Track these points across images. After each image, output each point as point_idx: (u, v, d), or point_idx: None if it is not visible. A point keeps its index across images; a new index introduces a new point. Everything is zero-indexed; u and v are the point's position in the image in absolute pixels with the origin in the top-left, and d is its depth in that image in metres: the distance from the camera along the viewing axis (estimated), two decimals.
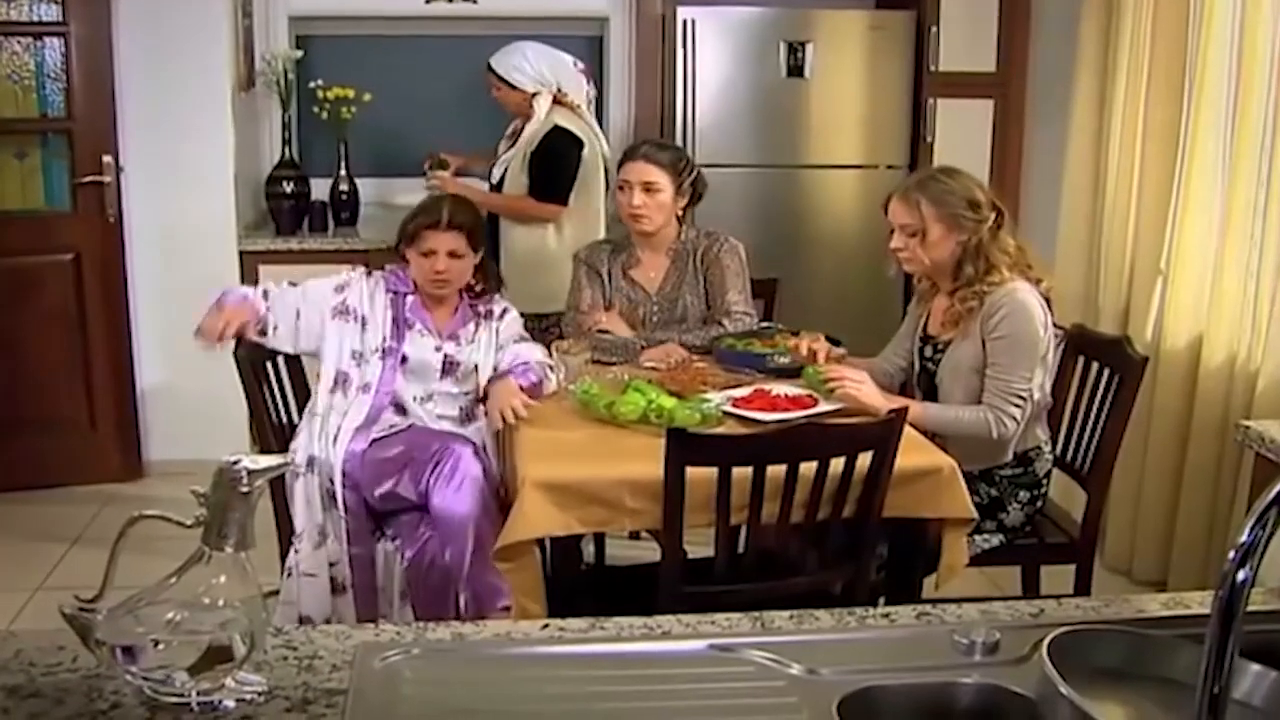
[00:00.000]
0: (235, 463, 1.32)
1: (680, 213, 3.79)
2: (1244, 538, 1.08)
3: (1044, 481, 3.30)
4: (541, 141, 4.53)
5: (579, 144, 4.59)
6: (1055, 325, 3.21)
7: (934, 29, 5.39)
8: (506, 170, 4.61)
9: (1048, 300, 3.19)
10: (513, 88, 4.57)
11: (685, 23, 5.28)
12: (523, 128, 4.64)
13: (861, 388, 3.07)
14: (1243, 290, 3.83)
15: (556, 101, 4.60)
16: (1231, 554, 1.08)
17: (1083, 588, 3.30)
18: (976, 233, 3.12)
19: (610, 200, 5.20)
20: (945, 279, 3.24)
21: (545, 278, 4.48)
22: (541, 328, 4.51)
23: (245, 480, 1.32)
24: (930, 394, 3.31)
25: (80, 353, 4.96)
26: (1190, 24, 4.02)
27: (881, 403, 3.05)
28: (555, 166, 4.56)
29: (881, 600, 2.97)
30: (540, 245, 4.61)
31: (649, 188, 3.69)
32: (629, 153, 3.80)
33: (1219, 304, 3.89)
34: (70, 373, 4.95)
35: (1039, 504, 3.29)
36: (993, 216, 3.14)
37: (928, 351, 3.32)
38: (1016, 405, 3.09)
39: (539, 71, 4.58)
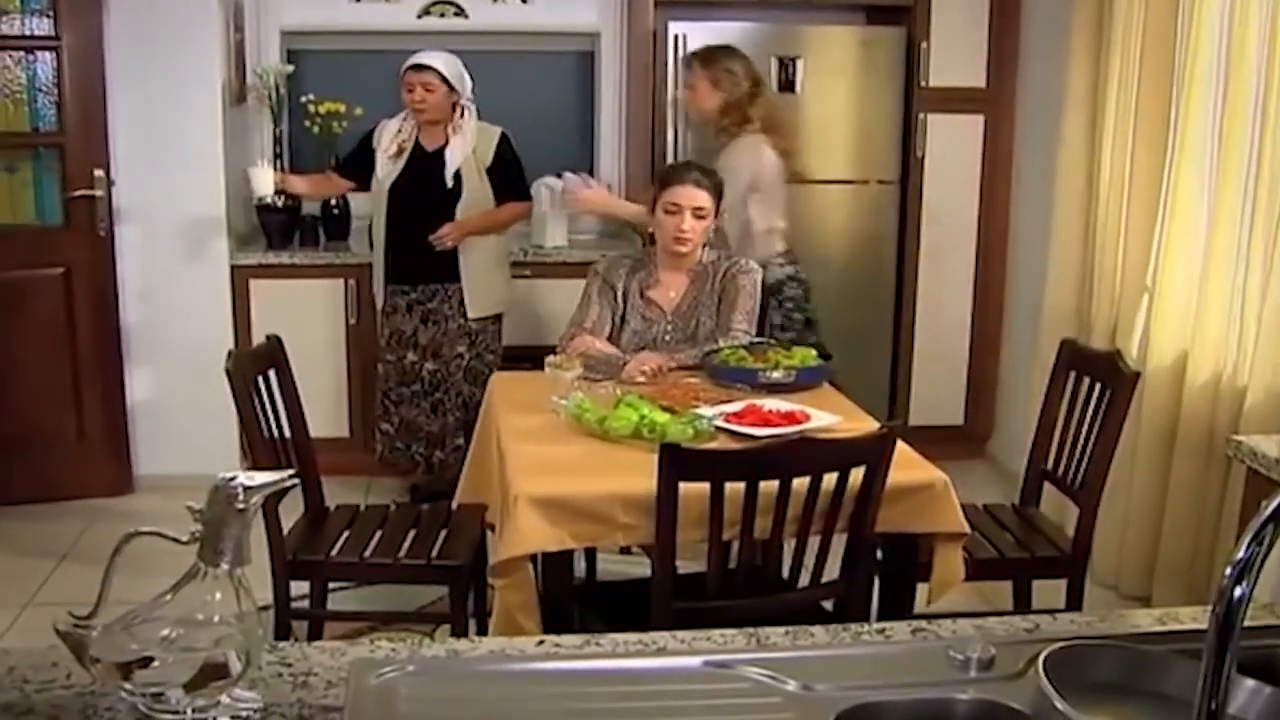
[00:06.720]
0: (232, 479, 1.32)
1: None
2: (1241, 553, 1.08)
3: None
4: (500, 150, 4.72)
5: None
6: None
7: (924, 45, 5.41)
8: (461, 181, 4.65)
9: None
10: (451, 89, 4.62)
11: (676, 38, 5.29)
12: (411, 142, 4.70)
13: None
14: (1228, 306, 3.84)
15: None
16: (1229, 569, 1.08)
17: (1074, 602, 3.30)
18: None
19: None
20: None
21: (503, 278, 4.84)
22: (496, 330, 4.79)
23: (242, 497, 1.31)
24: None
25: (70, 367, 4.95)
26: (1178, 40, 4.04)
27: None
28: (520, 168, 4.81)
29: (874, 615, 2.97)
30: (495, 249, 4.83)
31: (698, 213, 3.65)
32: (676, 177, 3.73)
33: (1204, 320, 3.90)
34: (60, 387, 4.94)
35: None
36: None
37: None
38: None
39: (467, 82, 4.70)
